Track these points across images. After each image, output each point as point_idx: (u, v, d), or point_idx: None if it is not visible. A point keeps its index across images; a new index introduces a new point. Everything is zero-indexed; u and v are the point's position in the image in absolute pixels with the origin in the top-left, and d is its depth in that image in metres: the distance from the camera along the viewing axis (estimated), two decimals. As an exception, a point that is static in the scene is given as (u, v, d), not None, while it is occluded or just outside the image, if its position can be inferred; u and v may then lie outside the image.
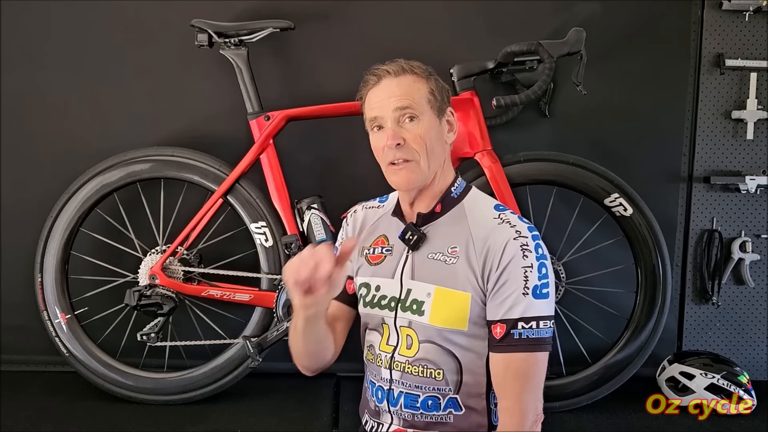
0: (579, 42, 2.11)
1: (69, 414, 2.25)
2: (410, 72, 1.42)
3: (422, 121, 1.39)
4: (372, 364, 1.48)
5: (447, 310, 1.37)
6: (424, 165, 1.39)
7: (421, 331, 1.39)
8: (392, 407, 1.43)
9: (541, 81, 2.11)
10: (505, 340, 1.32)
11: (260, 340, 2.21)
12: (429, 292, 1.38)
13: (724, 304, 2.60)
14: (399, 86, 1.40)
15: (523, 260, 1.32)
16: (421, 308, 1.38)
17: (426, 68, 1.46)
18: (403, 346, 1.41)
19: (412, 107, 1.39)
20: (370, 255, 1.50)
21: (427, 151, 1.39)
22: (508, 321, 1.32)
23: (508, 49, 2.17)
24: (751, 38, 2.51)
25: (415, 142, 1.38)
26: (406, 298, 1.41)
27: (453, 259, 1.38)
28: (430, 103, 1.42)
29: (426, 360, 1.39)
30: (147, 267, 2.32)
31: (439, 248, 1.41)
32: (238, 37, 2.29)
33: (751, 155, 2.55)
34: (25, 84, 2.53)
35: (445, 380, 1.38)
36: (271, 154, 2.30)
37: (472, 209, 1.44)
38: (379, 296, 1.45)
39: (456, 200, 1.45)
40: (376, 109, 1.41)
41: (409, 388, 1.41)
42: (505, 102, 2.13)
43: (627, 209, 2.28)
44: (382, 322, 1.45)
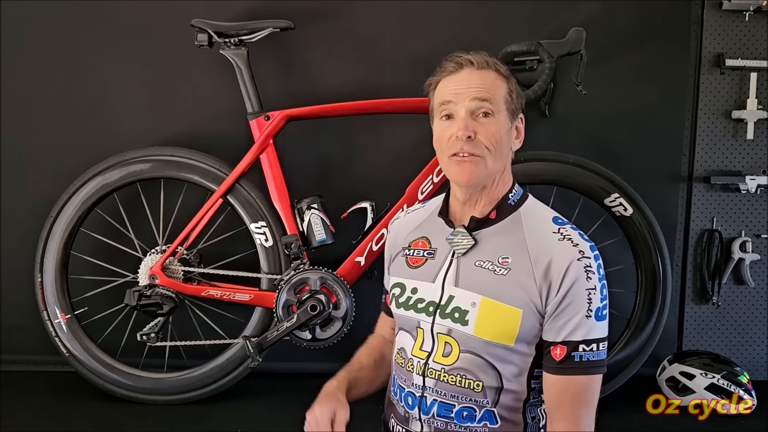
0: (579, 42, 2.12)
1: (69, 414, 2.25)
2: (493, 68, 1.36)
3: (497, 119, 1.33)
4: (402, 368, 1.40)
5: (494, 324, 1.29)
6: (490, 164, 1.32)
7: (462, 341, 1.31)
8: (424, 415, 1.35)
9: (541, 81, 2.11)
10: (566, 362, 1.28)
11: (260, 340, 2.21)
12: (474, 302, 1.31)
13: (724, 304, 2.60)
14: (481, 79, 1.33)
15: (587, 282, 1.27)
16: (465, 317, 1.31)
17: (507, 68, 1.40)
18: (440, 353, 1.33)
19: (490, 101, 1.32)
20: (410, 257, 1.42)
21: (495, 151, 1.32)
22: (569, 343, 1.27)
23: (508, 49, 2.17)
24: (751, 38, 2.51)
25: (487, 138, 1.31)
26: (447, 304, 1.33)
27: (504, 270, 1.30)
28: (507, 103, 1.36)
29: (465, 370, 1.31)
30: (147, 267, 2.32)
31: (488, 257, 1.33)
32: (238, 37, 2.29)
33: (751, 155, 2.55)
34: (25, 84, 2.53)
35: (483, 392, 1.31)
36: (271, 154, 2.30)
37: (528, 219, 1.36)
38: (416, 299, 1.38)
39: (512, 208, 1.37)
40: (450, 94, 1.33)
41: (443, 397, 1.33)
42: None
43: (627, 209, 2.28)
44: (417, 326, 1.37)
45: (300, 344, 2.24)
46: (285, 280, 2.25)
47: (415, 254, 1.42)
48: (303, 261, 2.27)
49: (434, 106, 1.37)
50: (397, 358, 1.42)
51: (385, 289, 1.54)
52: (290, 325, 2.19)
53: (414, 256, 1.42)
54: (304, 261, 2.28)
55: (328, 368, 1.62)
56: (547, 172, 2.31)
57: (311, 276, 2.24)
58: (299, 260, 2.27)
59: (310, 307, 2.18)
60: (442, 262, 1.37)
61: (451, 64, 1.36)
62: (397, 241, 1.48)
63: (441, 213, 1.42)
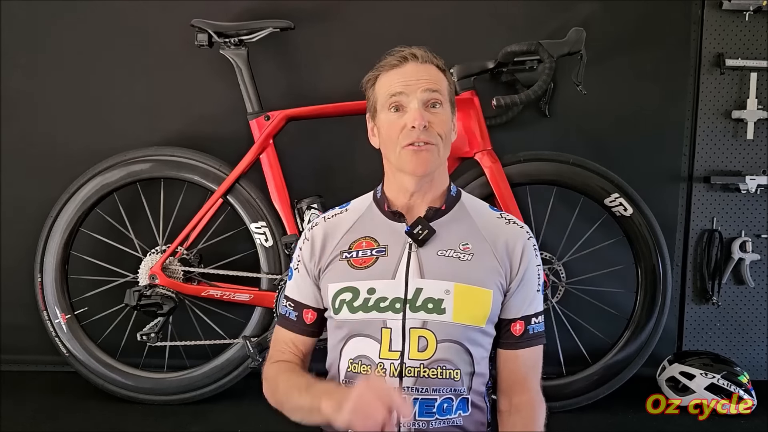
0: (579, 42, 2.11)
1: (69, 414, 2.25)
2: (434, 63, 1.39)
3: (445, 109, 1.37)
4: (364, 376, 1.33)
5: (470, 307, 1.34)
6: (442, 152, 1.37)
7: (440, 330, 1.32)
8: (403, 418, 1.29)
9: (541, 81, 2.11)
10: (524, 336, 1.39)
11: (260, 340, 2.21)
12: (448, 290, 1.33)
13: (724, 304, 2.60)
14: (427, 72, 1.37)
15: (536, 260, 1.41)
16: (441, 306, 1.32)
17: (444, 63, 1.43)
18: (414, 350, 1.32)
19: (440, 92, 1.36)
20: (354, 259, 1.38)
21: (445, 139, 1.37)
22: (526, 318, 1.39)
23: (508, 49, 2.17)
24: (752, 38, 2.51)
25: (439, 127, 1.35)
26: (416, 297, 1.33)
27: (468, 255, 1.36)
28: (450, 96, 1.40)
29: (445, 360, 1.32)
30: (147, 267, 2.32)
31: (449, 245, 1.37)
32: (238, 36, 2.29)
33: (751, 155, 2.55)
34: (25, 84, 2.53)
35: (461, 380, 1.33)
36: (271, 154, 2.30)
37: (473, 208, 1.44)
38: (376, 299, 1.34)
39: (455, 199, 1.44)
40: (400, 86, 1.34)
41: (425, 393, 1.31)
42: (505, 102, 2.14)
43: (627, 209, 2.28)
44: (383, 326, 1.33)
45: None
46: (285, 280, 2.25)
47: (360, 255, 1.38)
48: (303, 261, 2.27)
49: (378, 100, 1.39)
50: (354, 368, 1.35)
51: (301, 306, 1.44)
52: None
53: (359, 257, 1.38)
54: (304, 261, 2.27)
55: (327, 368, 1.62)
56: (547, 172, 2.31)
57: (311, 276, 2.24)
58: (299, 260, 2.27)
59: (310, 307, 2.18)
60: (398, 258, 1.36)
61: (393, 59, 1.38)
62: (326, 247, 1.42)
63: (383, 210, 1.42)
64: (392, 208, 1.41)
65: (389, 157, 1.39)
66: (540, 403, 1.38)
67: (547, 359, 2.50)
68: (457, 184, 1.44)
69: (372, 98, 1.41)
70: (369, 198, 1.47)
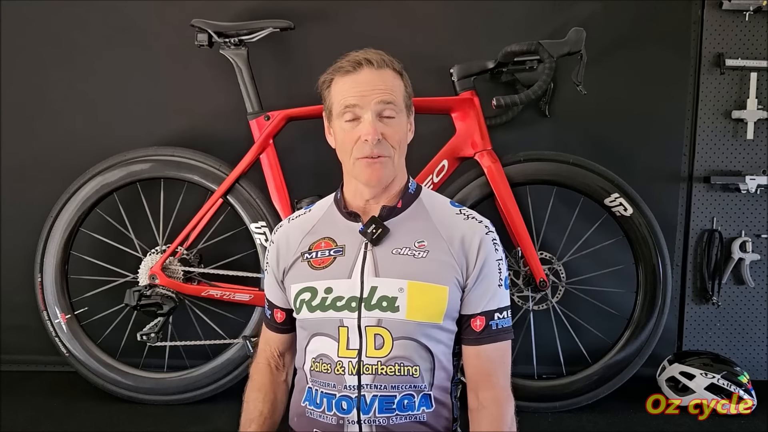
0: (579, 42, 2.11)
1: (69, 414, 2.25)
2: (390, 66, 1.38)
3: (399, 119, 1.37)
4: (326, 374, 1.36)
5: (424, 304, 1.34)
6: (397, 162, 1.38)
7: (395, 328, 1.33)
8: (364, 415, 1.33)
9: (541, 81, 2.11)
10: (485, 332, 1.37)
11: (260, 340, 2.21)
12: (401, 287, 1.34)
13: (724, 304, 2.60)
14: (382, 80, 1.36)
15: (496, 254, 1.39)
16: (395, 304, 1.33)
17: (400, 65, 1.42)
18: (371, 347, 1.33)
19: (394, 103, 1.35)
20: (313, 259, 1.40)
21: (399, 149, 1.38)
22: (487, 314, 1.37)
23: (508, 49, 2.17)
24: (752, 38, 2.51)
25: (393, 138, 1.35)
26: (371, 296, 1.34)
27: (422, 252, 1.36)
28: (405, 101, 1.39)
29: (402, 357, 1.33)
30: (147, 267, 2.32)
31: (404, 243, 1.38)
32: (238, 36, 2.29)
33: (751, 155, 2.55)
34: (25, 84, 2.53)
35: (421, 377, 1.35)
36: (271, 154, 2.30)
37: (431, 205, 1.44)
38: (333, 297, 1.36)
39: (413, 196, 1.44)
40: (355, 98, 1.34)
41: (383, 390, 1.33)
42: (505, 102, 2.14)
43: (627, 209, 2.28)
44: (340, 324, 1.35)
45: (300, 344, 2.24)
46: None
47: (319, 255, 1.41)
48: (303, 261, 2.27)
49: (333, 106, 1.39)
50: (316, 366, 1.38)
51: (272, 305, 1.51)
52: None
53: (318, 258, 1.41)
54: (304, 261, 2.27)
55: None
56: (547, 172, 2.31)
57: (311, 276, 2.24)
58: (299, 260, 2.27)
59: (310, 307, 2.18)
60: (355, 257, 1.38)
61: (348, 64, 1.37)
62: (289, 250, 1.45)
63: (341, 213, 1.44)
64: (349, 208, 1.43)
65: (344, 163, 1.40)
66: (507, 400, 1.37)
67: (548, 359, 2.52)
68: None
69: (328, 101, 1.42)
70: (331, 199, 1.49)
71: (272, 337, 1.54)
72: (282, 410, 1.52)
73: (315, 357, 1.38)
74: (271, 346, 1.55)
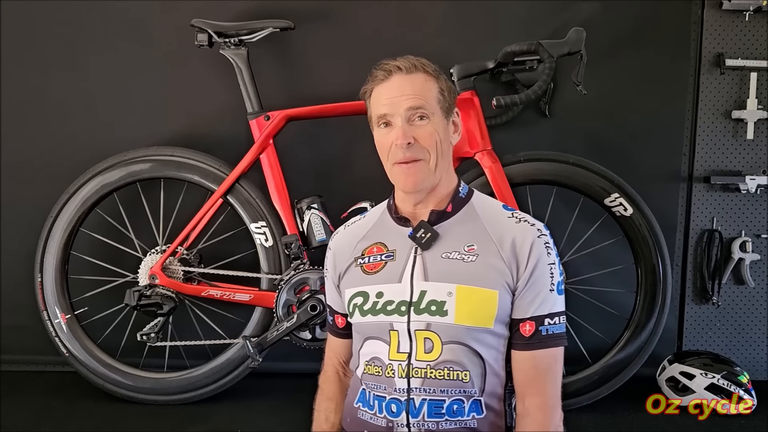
0: (579, 42, 2.11)
1: (69, 414, 2.25)
2: (422, 70, 1.40)
3: (433, 120, 1.37)
4: (378, 377, 1.38)
5: (473, 308, 1.34)
6: (432, 165, 1.37)
7: (444, 332, 1.34)
8: (413, 418, 1.33)
9: (541, 81, 2.11)
10: (534, 337, 1.34)
11: (260, 340, 2.21)
12: (450, 292, 1.34)
13: (724, 303, 2.60)
14: (411, 84, 1.37)
15: (548, 257, 1.35)
16: (443, 308, 1.33)
17: (435, 67, 1.44)
18: (421, 351, 1.34)
19: (424, 107, 1.36)
20: (366, 264, 1.44)
21: (436, 151, 1.37)
22: (537, 318, 1.34)
23: (508, 49, 2.17)
24: (752, 38, 2.51)
25: (426, 141, 1.36)
26: (420, 300, 1.35)
27: (472, 256, 1.36)
28: (440, 103, 1.40)
29: (451, 362, 1.33)
30: (147, 267, 2.32)
31: (454, 247, 1.37)
32: (238, 36, 2.29)
33: (751, 155, 2.55)
34: (25, 84, 2.53)
35: (471, 382, 1.34)
36: (271, 154, 2.30)
37: (482, 209, 1.43)
38: (384, 302, 1.38)
39: (464, 200, 1.43)
40: (385, 106, 1.37)
41: (433, 394, 1.33)
42: (505, 102, 2.14)
43: (627, 209, 2.28)
44: (390, 328, 1.37)
45: (300, 344, 2.24)
46: (285, 280, 2.25)
47: (371, 261, 1.43)
48: (303, 261, 2.27)
49: (372, 114, 1.42)
50: (369, 369, 1.40)
51: (332, 311, 1.55)
52: (290, 325, 2.19)
53: (370, 263, 1.43)
54: (304, 261, 2.27)
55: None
56: (547, 172, 2.31)
57: (311, 276, 2.24)
58: (299, 260, 2.27)
59: (311, 307, 2.18)
60: (405, 261, 1.39)
61: (381, 73, 1.40)
62: (344, 256, 1.48)
63: (392, 216, 1.46)
64: (399, 213, 1.45)
65: (386, 169, 1.42)
66: (554, 408, 1.35)
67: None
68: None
69: (369, 110, 1.44)
70: (384, 205, 1.51)
71: (335, 344, 1.57)
72: None
73: (368, 360, 1.40)
74: (335, 354, 1.57)
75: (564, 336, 1.37)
